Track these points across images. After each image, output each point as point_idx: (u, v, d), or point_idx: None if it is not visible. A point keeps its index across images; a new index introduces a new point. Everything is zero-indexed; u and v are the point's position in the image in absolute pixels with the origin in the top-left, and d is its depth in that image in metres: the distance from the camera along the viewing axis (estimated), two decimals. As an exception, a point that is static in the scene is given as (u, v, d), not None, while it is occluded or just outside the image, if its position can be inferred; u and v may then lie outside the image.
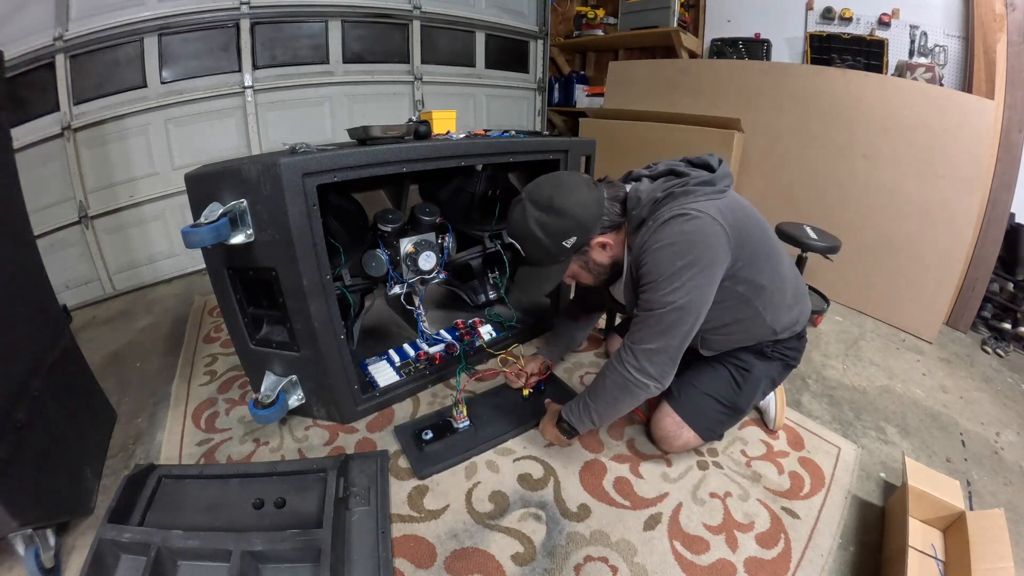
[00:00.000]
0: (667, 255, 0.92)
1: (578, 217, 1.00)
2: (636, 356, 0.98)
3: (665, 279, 0.92)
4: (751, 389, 1.19)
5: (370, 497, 1.06)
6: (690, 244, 0.91)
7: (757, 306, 1.07)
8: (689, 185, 0.98)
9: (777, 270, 1.08)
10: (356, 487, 1.07)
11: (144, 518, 0.97)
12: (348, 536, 0.97)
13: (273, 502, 0.99)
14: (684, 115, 2.67)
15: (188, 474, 1.09)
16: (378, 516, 1.02)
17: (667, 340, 0.95)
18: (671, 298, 0.92)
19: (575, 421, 1.12)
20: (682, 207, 0.94)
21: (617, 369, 1.01)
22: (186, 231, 0.96)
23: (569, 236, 1.01)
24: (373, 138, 1.26)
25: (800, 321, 1.19)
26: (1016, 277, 2.10)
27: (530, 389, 1.42)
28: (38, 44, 1.89)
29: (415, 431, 1.26)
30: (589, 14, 3.53)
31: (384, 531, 0.99)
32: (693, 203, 0.94)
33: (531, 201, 1.02)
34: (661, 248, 0.93)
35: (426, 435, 1.24)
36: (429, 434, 1.24)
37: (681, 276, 0.91)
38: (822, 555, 1.02)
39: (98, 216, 2.17)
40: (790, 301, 1.14)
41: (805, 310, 1.21)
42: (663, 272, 0.92)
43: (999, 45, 1.98)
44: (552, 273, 1.07)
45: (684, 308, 0.93)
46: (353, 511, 1.02)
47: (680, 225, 0.92)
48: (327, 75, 2.67)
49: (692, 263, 0.91)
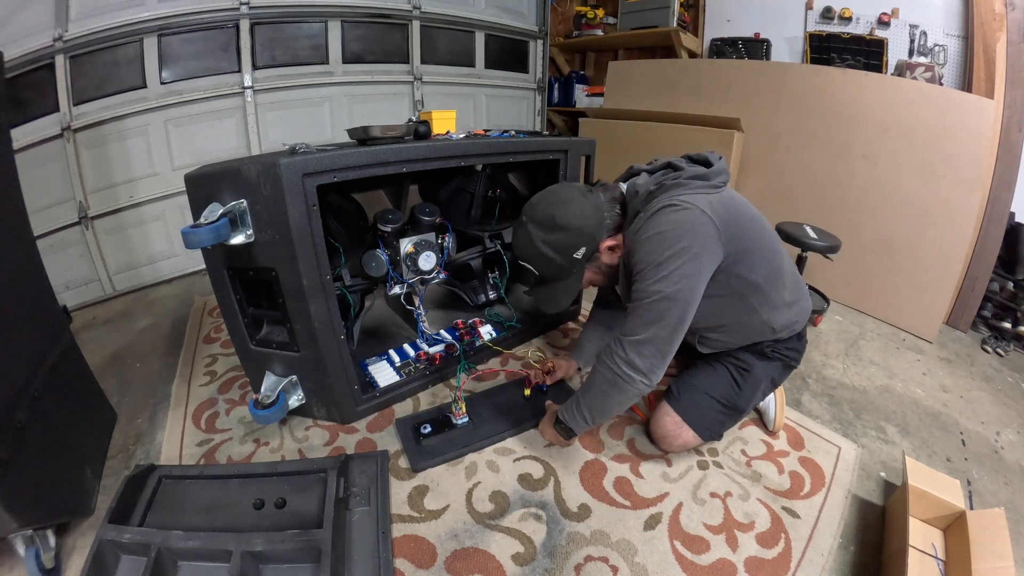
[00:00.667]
0: (655, 244, 0.92)
1: (582, 229, 1.02)
2: (624, 348, 0.96)
3: (652, 267, 0.92)
4: (751, 389, 1.19)
5: (370, 497, 1.06)
6: (677, 234, 0.91)
7: (753, 303, 1.07)
8: (682, 178, 0.98)
9: (774, 268, 1.07)
10: (356, 487, 1.07)
11: (144, 519, 0.97)
12: (348, 536, 0.97)
13: (273, 502, 0.99)
14: (684, 115, 2.67)
15: (188, 474, 1.09)
16: (378, 516, 1.02)
17: (655, 330, 0.93)
18: (658, 287, 0.92)
19: (569, 420, 1.12)
20: (671, 198, 0.95)
21: (606, 363, 1.00)
22: (186, 231, 0.96)
23: (578, 248, 1.03)
24: (373, 138, 1.26)
25: (799, 321, 1.19)
26: (1016, 276, 2.10)
27: (530, 389, 1.42)
28: (38, 44, 1.88)
29: (415, 424, 1.28)
30: (589, 14, 3.53)
31: (384, 531, 0.99)
32: (683, 195, 0.95)
33: (534, 223, 1.04)
34: (649, 238, 0.93)
35: (425, 429, 1.25)
36: (428, 428, 1.26)
37: (669, 265, 0.91)
38: (822, 555, 1.02)
39: (98, 216, 2.17)
40: (788, 299, 1.13)
41: (804, 309, 1.20)
42: (651, 261, 0.92)
43: (999, 44, 1.98)
44: (570, 286, 1.09)
45: (672, 297, 0.92)
46: (353, 511, 1.02)
47: (668, 215, 0.93)
48: (327, 75, 2.67)
49: (680, 252, 0.91)
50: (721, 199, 0.98)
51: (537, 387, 1.43)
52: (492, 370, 1.57)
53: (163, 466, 1.12)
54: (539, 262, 1.05)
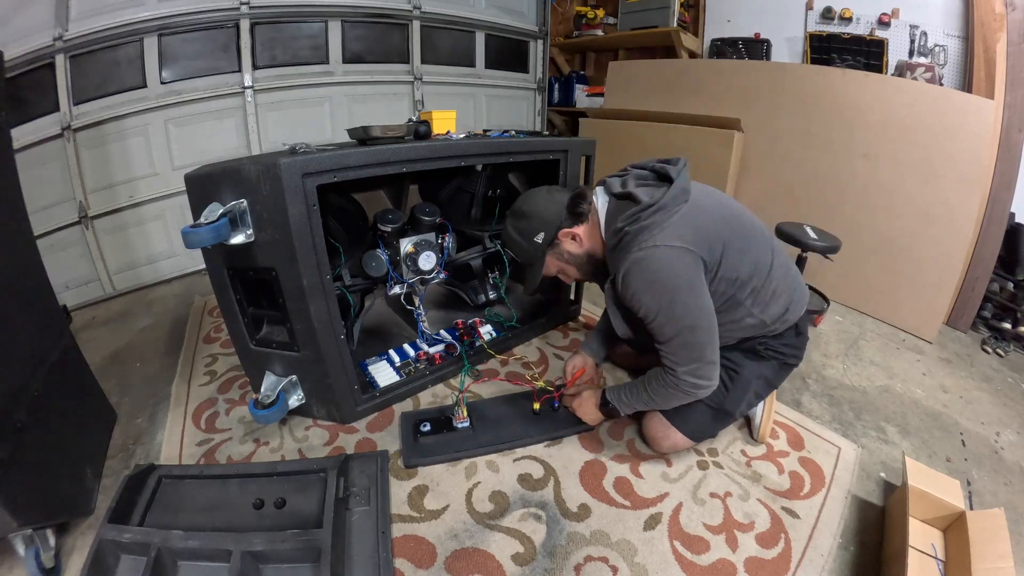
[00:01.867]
0: (651, 297, 1.00)
1: (542, 216, 1.17)
2: (678, 376, 1.06)
3: (662, 315, 1.00)
4: (740, 391, 1.17)
5: (370, 497, 1.06)
6: (664, 280, 0.99)
7: (739, 298, 1.07)
8: (642, 221, 1.00)
9: (756, 259, 1.07)
10: (356, 487, 1.07)
11: (144, 518, 0.97)
12: (348, 536, 0.97)
13: (273, 502, 1.00)
14: (684, 115, 2.67)
15: (188, 474, 1.09)
16: (378, 516, 1.02)
17: (698, 352, 1.03)
18: (677, 326, 1.01)
19: (623, 407, 1.21)
20: (641, 246, 0.99)
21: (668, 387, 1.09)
22: (186, 231, 0.96)
23: (537, 232, 1.17)
24: (373, 138, 1.26)
25: (792, 310, 1.14)
26: (1016, 277, 2.10)
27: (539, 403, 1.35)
28: (38, 44, 1.88)
29: (416, 420, 1.30)
30: (589, 14, 3.53)
31: (384, 531, 0.99)
32: (650, 240, 0.99)
33: (510, 214, 1.23)
34: (640, 294, 1.01)
35: (424, 427, 1.27)
36: (427, 427, 1.27)
37: (675, 305, 0.99)
38: (822, 555, 1.02)
39: (98, 216, 2.17)
40: (777, 289, 1.10)
41: (797, 300, 1.16)
42: (656, 310, 1.00)
43: (999, 45, 1.98)
44: (536, 267, 1.23)
45: (692, 325, 1.01)
46: (353, 511, 1.02)
47: (647, 266, 0.99)
48: (327, 75, 2.67)
49: (675, 291, 0.99)
50: (684, 219, 1.00)
51: (549, 402, 1.37)
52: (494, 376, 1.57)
53: (163, 466, 1.12)
54: (510, 245, 1.23)
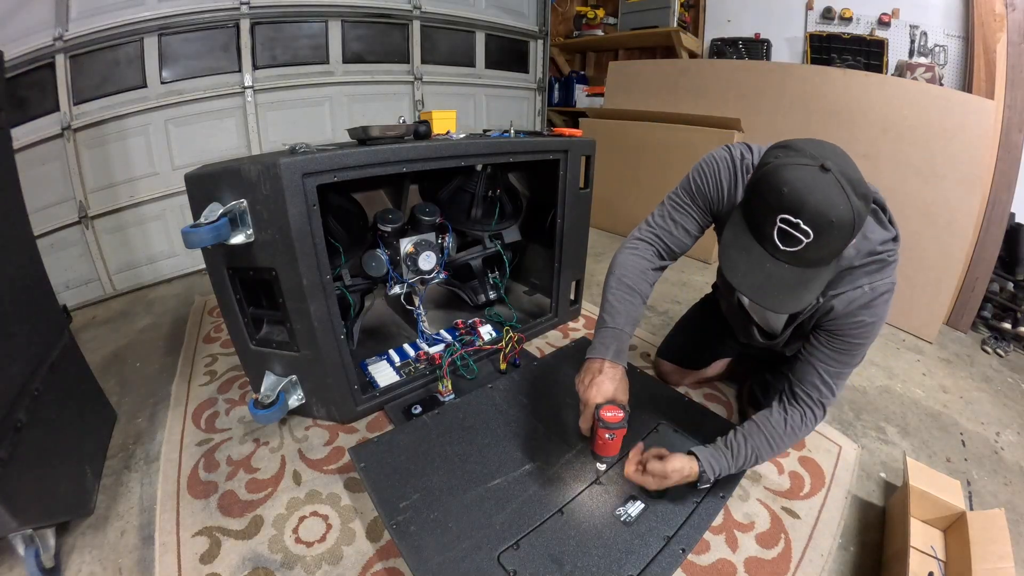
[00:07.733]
0: (877, 328, 0.98)
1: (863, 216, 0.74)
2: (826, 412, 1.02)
3: (868, 344, 0.99)
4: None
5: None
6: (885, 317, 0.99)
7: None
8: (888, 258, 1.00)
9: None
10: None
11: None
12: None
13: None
14: (684, 115, 2.67)
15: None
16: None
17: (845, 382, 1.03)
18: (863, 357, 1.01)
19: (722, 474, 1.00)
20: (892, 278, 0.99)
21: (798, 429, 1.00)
22: (186, 231, 0.96)
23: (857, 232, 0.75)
24: (373, 138, 1.26)
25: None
26: (1016, 277, 2.10)
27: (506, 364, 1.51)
28: (38, 44, 1.88)
29: (404, 407, 1.36)
30: (589, 14, 3.53)
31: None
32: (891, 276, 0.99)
33: (848, 180, 0.70)
34: (877, 324, 0.97)
35: (416, 410, 1.34)
36: (418, 408, 1.35)
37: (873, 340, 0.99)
38: (822, 555, 1.01)
39: (98, 216, 2.17)
40: None
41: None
42: (869, 338, 0.98)
43: (999, 45, 1.98)
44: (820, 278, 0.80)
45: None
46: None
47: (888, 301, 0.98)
48: (327, 75, 2.67)
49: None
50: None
51: (511, 362, 1.53)
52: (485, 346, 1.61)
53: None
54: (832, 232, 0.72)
